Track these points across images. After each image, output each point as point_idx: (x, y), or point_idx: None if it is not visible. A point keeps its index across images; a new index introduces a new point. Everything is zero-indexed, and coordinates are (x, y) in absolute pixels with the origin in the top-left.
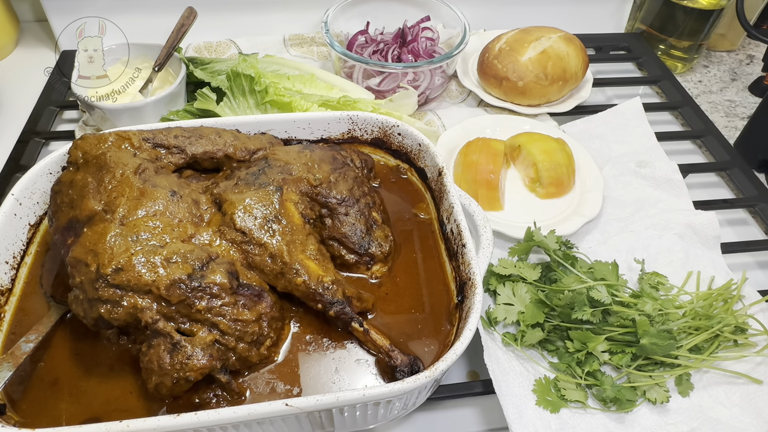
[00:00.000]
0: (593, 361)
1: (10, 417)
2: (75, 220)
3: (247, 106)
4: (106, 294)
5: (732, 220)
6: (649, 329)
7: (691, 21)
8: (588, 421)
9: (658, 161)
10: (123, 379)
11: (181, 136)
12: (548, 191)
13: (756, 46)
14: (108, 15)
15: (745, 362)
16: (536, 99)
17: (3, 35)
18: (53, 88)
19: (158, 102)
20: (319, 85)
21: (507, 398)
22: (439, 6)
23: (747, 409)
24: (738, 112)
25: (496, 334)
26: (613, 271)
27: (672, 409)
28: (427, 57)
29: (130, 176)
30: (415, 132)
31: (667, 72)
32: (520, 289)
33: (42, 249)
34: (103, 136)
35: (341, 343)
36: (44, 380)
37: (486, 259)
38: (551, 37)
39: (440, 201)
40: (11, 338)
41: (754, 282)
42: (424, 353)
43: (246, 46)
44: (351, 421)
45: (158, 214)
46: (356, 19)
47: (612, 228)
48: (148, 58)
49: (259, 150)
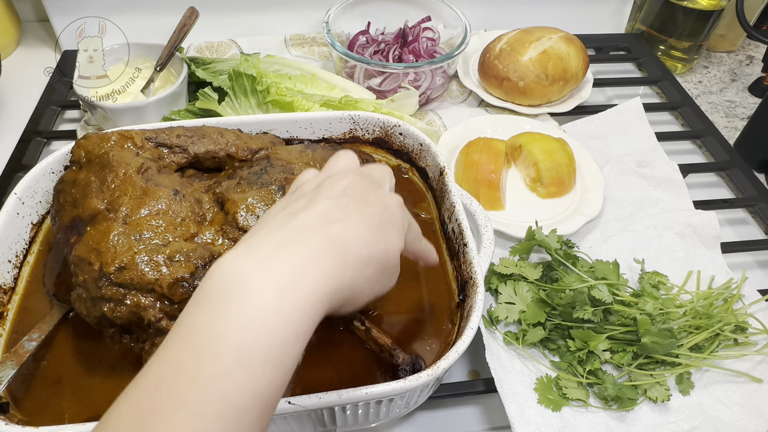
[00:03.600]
0: (594, 360)
1: (14, 415)
2: (78, 219)
3: (248, 106)
4: (109, 292)
5: (732, 220)
6: (650, 328)
7: (691, 22)
8: (589, 419)
9: (659, 161)
10: (126, 377)
11: (183, 136)
12: (549, 191)
13: (756, 47)
14: (109, 15)
15: (745, 361)
16: (537, 99)
17: (4, 35)
18: (54, 88)
19: (160, 102)
20: (320, 85)
21: (509, 397)
22: (439, 6)
23: (747, 408)
24: (738, 112)
25: (498, 333)
26: (614, 271)
27: (673, 408)
28: (428, 57)
29: (132, 175)
30: (416, 132)
31: (667, 72)
32: (521, 288)
33: (44, 248)
34: (105, 135)
35: (343, 342)
36: (47, 378)
37: (487, 258)
38: (552, 37)
39: (441, 200)
40: (14, 337)
41: (754, 281)
42: (425, 352)
43: (247, 46)
44: (353, 419)
45: (161, 213)
46: (357, 19)
47: (613, 228)
48: (149, 58)
49: (261, 149)
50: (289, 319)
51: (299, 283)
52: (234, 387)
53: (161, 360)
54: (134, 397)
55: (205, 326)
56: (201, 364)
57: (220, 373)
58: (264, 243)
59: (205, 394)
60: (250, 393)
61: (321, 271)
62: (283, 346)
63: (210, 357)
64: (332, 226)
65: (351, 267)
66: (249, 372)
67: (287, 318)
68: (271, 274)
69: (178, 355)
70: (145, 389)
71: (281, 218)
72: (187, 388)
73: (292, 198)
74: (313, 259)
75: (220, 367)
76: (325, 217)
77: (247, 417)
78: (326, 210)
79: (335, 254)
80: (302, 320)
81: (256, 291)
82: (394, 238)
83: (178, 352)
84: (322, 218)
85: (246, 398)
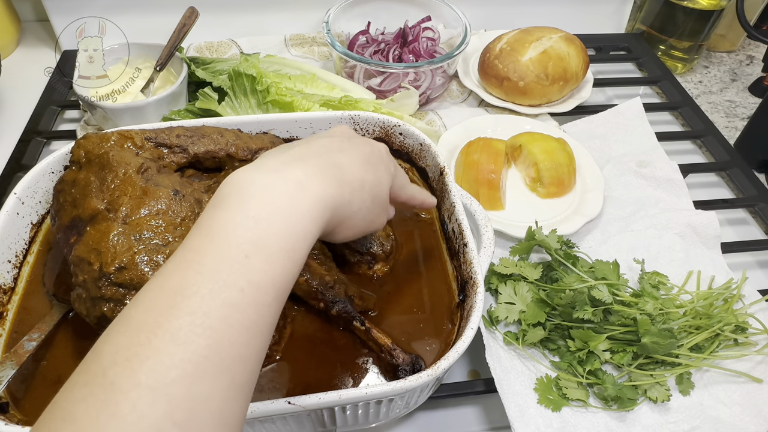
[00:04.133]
0: (594, 360)
1: (13, 415)
2: (78, 219)
3: (248, 106)
4: (109, 292)
5: (732, 220)
6: (650, 328)
7: (692, 22)
8: (589, 419)
9: (659, 161)
10: None
11: (183, 136)
12: (549, 191)
13: (756, 47)
14: (109, 15)
15: (745, 361)
16: (537, 99)
17: (4, 35)
18: (54, 88)
19: (160, 101)
20: (320, 85)
21: (509, 397)
22: (439, 6)
23: (747, 408)
24: (738, 112)
25: (498, 333)
26: (614, 271)
27: (673, 408)
28: (428, 57)
29: (132, 175)
30: (416, 132)
31: (668, 72)
32: (521, 289)
33: (44, 248)
34: (105, 135)
35: (343, 342)
36: (47, 379)
37: (487, 258)
38: (552, 37)
39: (441, 200)
40: (14, 337)
41: (754, 281)
42: (425, 352)
43: (247, 46)
44: (353, 419)
45: (161, 213)
46: (357, 19)
47: (613, 228)
48: (149, 58)
49: (261, 149)
50: (300, 215)
51: (306, 187)
52: (254, 269)
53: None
54: (164, 275)
55: (224, 220)
56: (224, 248)
57: (242, 255)
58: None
59: (229, 271)
60: (269, 276)
61: (324, 182)
62: (294, 239)
63: (232, 243)
64: (331, 154)
65: (349, 185)
66: (266, 257)
67: (298, 214)
68: (282, 179)
69: (197, 242)
70: (172, 268)
71: (280, 150)
72: (213, 267)
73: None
74: (316, 174)
75: (240, 251)
76: (323, 148)
77: (264, 297)
78: (323, 145)
79: (335, 174)
80: (309, 220)
81: (270, 190)
82: (383, 173)
83: (200, 240)
84: (321, 148)
85: (265, 280)
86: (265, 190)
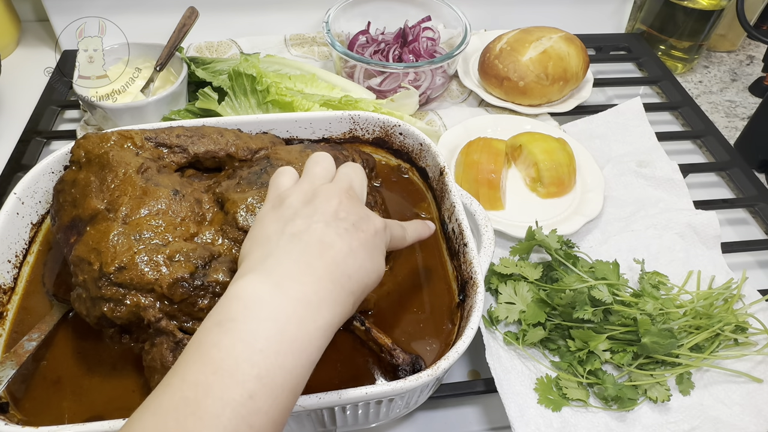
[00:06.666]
0: (594, 360)
1: (13, 415)
2: (78, 219)
3: (248, 106)
4: (109, 292)
5: (732, 220)
6: (650, 328)
7: (692, 21)
8: (590, 419)
9: (659, 161)
10: (125, 377)
11: (183, 136)
12: (549, 191)
13: (756, 47)
14: (109, 15)
15: (745, 361)
16: (537, 99)
17: (4, 35)
18: (54, 88)
19: (160, 101)
20: (320, 85)
21: (509, 397)
22: (440, 6)
23: (747, 408)
24: (738, 112)
25: (498, 333)
26: (614, 271)
27: (673, 408)
28: (428, 57)
29: (132, 175)
30: (416, 132)
31: (668, 72)
32: (521, 288)
33: (44, 248)
34: (105, 135)
35: (343, 342)
36: (47, 378)
37: (487, 258)
38: (552, 37)
39: (441, 200)
40: (14, 337)
41: (755, 281)
42: (425, 352)
43: (247, 46)
44: (353, 419)
45: (161, 213)
46: (357, 19)
47: (613, 228)
48: (149, 58)
49: (260, 149)
50: (307, 343)
51: (317, 312)
52: (256, 410)
53: (183, 380)
54: (160, 415)
55: (231, 352)
56: (228, 387)
57: (246, 396)
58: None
59: (231, 416)
60: (270, 418)
61: (334, 304)
62: (299, 371)
63: (237, 380)
64: (334, 251)
65: (354, 294)
66: (269, 392)
67: (306, 345)
68: (292, 303)
69: (201, 377)
70: (171, 408)
71: (285, 241)
72: (214, 411)
73: (286, 214)
74: (326, 297)
75: (245, 390)
76: (325, 241)
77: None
78: (325, 233)
79: (343, 284)
80: (316, 347)
81: (279, 314)
82: (382, 262)
83: (202, 374)
84: (323, 242)
85: (266, 424)
86: (274, 314)
